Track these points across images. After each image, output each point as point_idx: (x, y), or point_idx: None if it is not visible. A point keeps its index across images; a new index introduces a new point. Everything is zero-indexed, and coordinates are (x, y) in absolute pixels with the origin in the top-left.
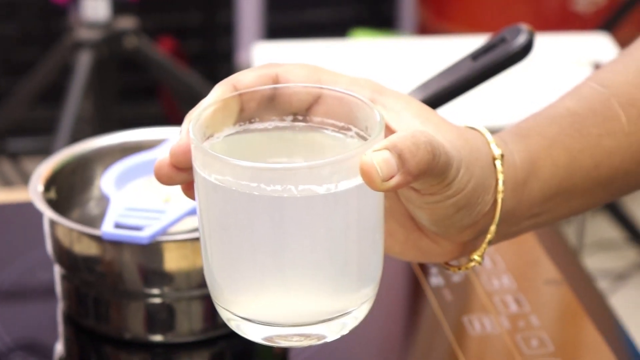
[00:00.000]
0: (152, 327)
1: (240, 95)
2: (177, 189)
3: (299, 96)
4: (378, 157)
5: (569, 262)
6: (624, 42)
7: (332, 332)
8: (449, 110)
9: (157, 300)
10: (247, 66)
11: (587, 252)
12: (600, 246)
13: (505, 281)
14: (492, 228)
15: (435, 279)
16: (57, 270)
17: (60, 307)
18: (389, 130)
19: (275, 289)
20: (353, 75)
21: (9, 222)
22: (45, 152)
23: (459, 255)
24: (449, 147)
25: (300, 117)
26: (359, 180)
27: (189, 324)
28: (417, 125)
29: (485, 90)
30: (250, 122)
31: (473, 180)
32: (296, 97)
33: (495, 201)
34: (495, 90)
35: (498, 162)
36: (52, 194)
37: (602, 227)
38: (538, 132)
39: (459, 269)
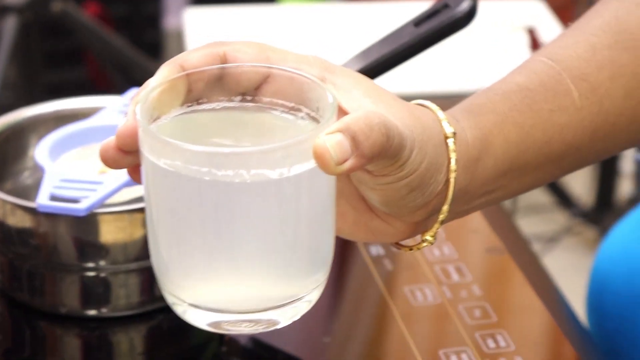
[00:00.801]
0: (87, 301)
1: (187, 75)
2: None
3: (248, 75)
4: (331, 140)
5: (507, 228)
6: (557, 8)
7: (284, 317)
8: (389, 78)
9: (92, 274)
10: (175, 31)
11: (520, 216)
12: (532, 210)
13: (446, 250)
14: (445, 208)
15: (375, 249)
16: None
17: None
18: (340, 111)
19: (226, 275)
20: (302, 53)
21: None
22: None
23: (411, 234)
24: (402, 127)
25: (249, 97)
26: (312, 163)
27: (125, 297)
28: (368, 105)
29: (422, 58)
30: (198, 103)
31: (426, 160)
32: (245, 76)
33: (447, 180)
34: (433, 56)
35: (450, 141)
36: None
37: (533, 192)
38: (490, 108)
39: (411, 249)
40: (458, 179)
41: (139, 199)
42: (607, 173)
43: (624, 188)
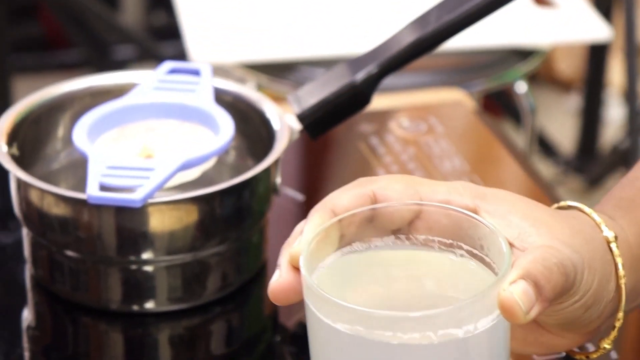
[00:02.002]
0: (131, 296)
1: (340, 221)
2: (158, 142)
3: (400, 213)
4: (518, 290)
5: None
6: None
7: None
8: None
9: (136, 267)
10: None
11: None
12: None
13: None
14: (620, 315)
15: None
16: (26, 234)
17: (28, 273)
18: None
19: None
20: (450, 183)
21: None
22: None
23: (584, 342)
24: (570, 253)
25: (402, 236)
26: (495, 314)
27: (170, 292)
28: (526, 229)
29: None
30: (351, 245)
31: (597, 277)
32: (397, 214)
33: (618, 286)
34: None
35: (614, 245)
36: (15, 150)
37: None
38: None
39: (587, 357)
40: (627, 282)
41: (187, 186)
42: (590, 121)
43: (608, 136)
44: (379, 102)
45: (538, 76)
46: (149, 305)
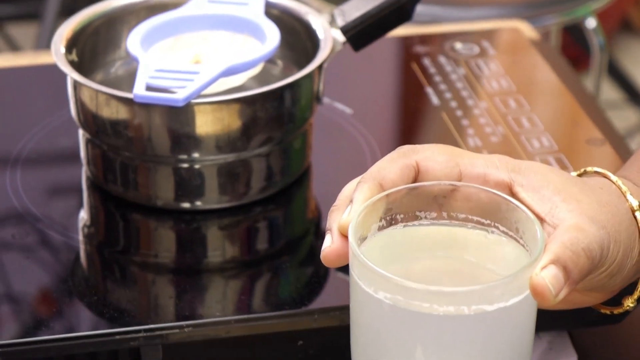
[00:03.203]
0: (181, 194)
1: (387, 195)
2: (209, 51)
3: (441, 187)
4: (548, 275)
5: (606, 122)
6: None
7: None
8: None
9: (186, 165)
10: None
11: None
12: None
13: (546, 142)
14: None
15: (472, 140)
16: (82, 135)
17: (84, 173)
18: (532, 213)
19: None
20: (488, 156)
21: (24, 86)
22: (33, 17)
23: (609, 297)
24: (597, 232)
25: (444, 214)
26: (525, 293)
27: (219, 190)
28: (558, 204)
29: None
30: (393, 217)
31: (622, 248)
32: (438, 188)
33: None
34: None
35: (638, 214)
36: (74, 56)
37: (603, 90)
38: None
39: (612, 312)
40: None
41: (234, 90)
42: None
43: None
44: (438, 27)
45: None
46: (196, 203)
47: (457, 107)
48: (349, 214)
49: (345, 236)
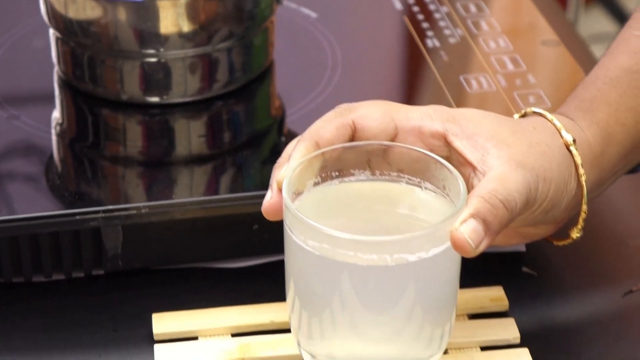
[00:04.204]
0: (148, 88)
1: (322, 154)
2: None
3: (373, 147)
4: (467, 228)
5: (565, 25)
6: None
7: None
8: None
9: (153, 60)
10: None
11: None
12: (597, 39)
13: (502, 43)
14: (584, 207)
15: (431, 41)
16: (52, 34)
17: (56, 73)
18: (466, 163)
19: (358, 345)
20: (423, 108)
21: None
22: None
23: (558, 227)
24: (522, 177)
25: (377, 172)
26: (447, 245)
27: (185, 84)
28: (489, 150)
29: None
30: (328, 174)
31: (553, 185)
32: (371, 147)
33: (579, 184)
34: None
35: (573, 148)
36: None
37: (598, 22)
38: (601, 100)
39: (560, 241)
40: (588, 178)
41: None
42: None
43: None
44: None
45: None
46: (162, 97)
47: (419, 11)
48: (285, 170)
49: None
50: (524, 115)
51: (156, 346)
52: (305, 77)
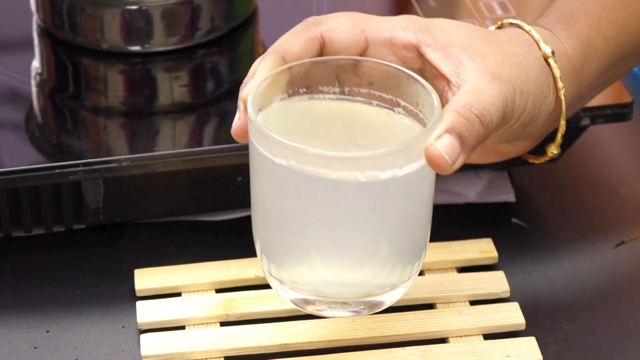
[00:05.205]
0: (130, 37)
1: (289, 68)
2: None
3: (342, 61)
4: (442, 144)
5: None
6: None
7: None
8: None
9: (134, 7)
10: None
11: None
12: None
13: None
14: (563, 122)
15: None
16: None
17: (35, 22)
18: (440, 76)
19: (331, 266)
20: (394, 18)
21: None
22: None
23: (536, 144)
24: (497, 89)
25: (346, 89)
26: (421, 162)
27: (165, 32)
28: (464, 62)
29: None
30: (295, 90)
31: (530, 98)
32: (340, 62)
33: (558, 98)
34: None
35: (551, 60)
36: None
37: None
38: (582, 12)
39: (537, 159)
40: (567, 92)
41: None
42: None
43: None
44: None
45: None
46: (144, 45)
47: None
48: (249, 87)
49: None
50: (500, 27)
51: (138, 303)
52: (291, 24)
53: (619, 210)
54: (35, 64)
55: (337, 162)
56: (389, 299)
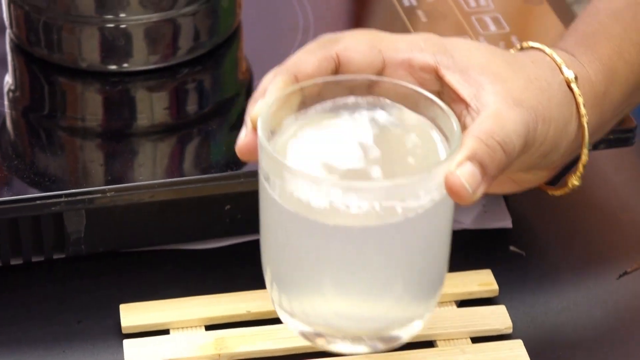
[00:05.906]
0: (108, 55)
1: (301, 88)
2: None
3: (358, 81)
4: (464, 172)
5: None
6: None
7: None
8: None
9: (112, 25)
10: None
11: None
12: None
13: (482, 1)
14: (585, 151)
15: (408, 1)
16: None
17: (8, 36)
18: (458, 99)
19: (339, 303)
20: (411, 37)
21: None
22: None
23: (553, 174)
24: (520, 116)
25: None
26: (441, 192)
27: (145, 50)
28: (484, 86)
29: None
30: (308, 108)
31: (552, 125)
32: (355, 82)
33: (580, 125)
34: None
35: (574, 85)
36: None
37: None
38: (604, 35)
39: (556, 191)
40: (590, 119)
41: None
42: None
43: None
44: None
45: None
46: (123, 64)
47: None
48: (260, 106)
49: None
50: (520, 50)
51: (125, 342)
52: (276, 40)
53: (620, 236)
54: (8, 79)
55: (352, 192)
56: (406, 333)
